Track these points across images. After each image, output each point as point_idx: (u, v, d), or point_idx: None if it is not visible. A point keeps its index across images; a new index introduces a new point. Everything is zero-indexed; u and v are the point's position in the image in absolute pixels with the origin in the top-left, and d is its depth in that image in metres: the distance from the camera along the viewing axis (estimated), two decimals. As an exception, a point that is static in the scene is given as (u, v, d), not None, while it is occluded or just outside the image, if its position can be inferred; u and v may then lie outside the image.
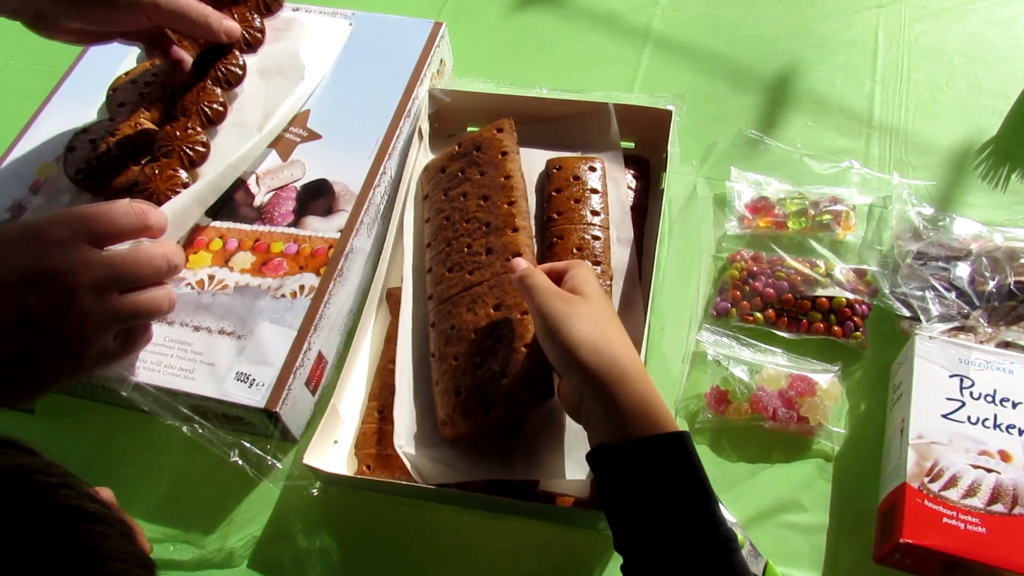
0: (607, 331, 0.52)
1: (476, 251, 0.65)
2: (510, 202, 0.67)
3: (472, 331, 0.61)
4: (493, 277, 0.63)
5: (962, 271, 0.67)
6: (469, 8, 0.96)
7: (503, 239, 0.65)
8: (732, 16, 0.93)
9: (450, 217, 0.68)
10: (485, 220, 0.66)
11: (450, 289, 0.65)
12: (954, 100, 0.84)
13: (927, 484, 0.56)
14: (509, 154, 0.70)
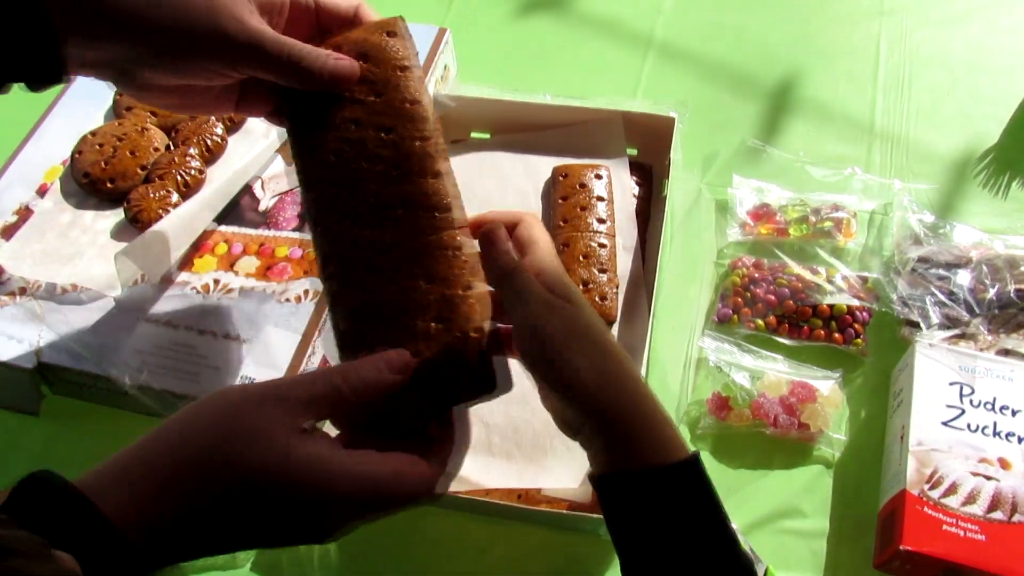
0: (606, 351, 0.46)
1: (388, 203, 0.48)
2: (422, 136, 0.49)
3: (400, 310, 0.47)
4: (417, 239, 0.48)
5: (963, 278, 0.68)
6: (473, 14, 0.96)
7: (423, 187, 0.48)
8: (734, 23, 0.93)
9: (341, 152, 0.50)
10: (393, 161, 0.49)
11: (361, 251, 0.49)
12: (955, 108, 0.84)
13: (927, 491, 0.56)
14: (410, 69, 0.51)
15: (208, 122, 0.75)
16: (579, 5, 0.96)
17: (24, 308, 0.67)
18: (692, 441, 0.65)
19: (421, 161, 0.49)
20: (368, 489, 0.41)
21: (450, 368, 0.47)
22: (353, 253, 0.48)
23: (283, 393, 0.41)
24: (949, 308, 0.67)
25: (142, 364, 0.64)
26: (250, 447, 0.39)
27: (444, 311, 0.47)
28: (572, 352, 0.45)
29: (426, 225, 0.48)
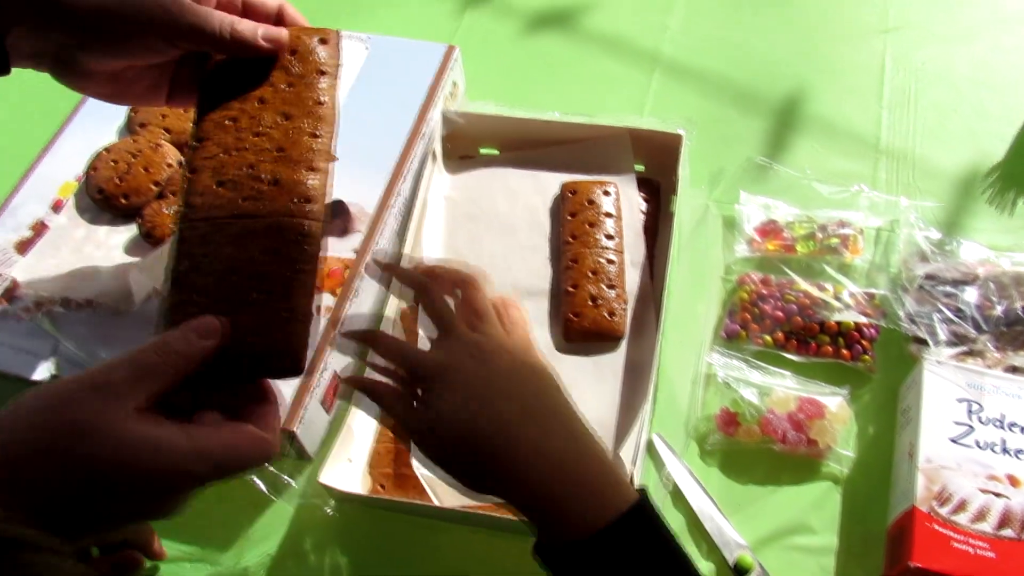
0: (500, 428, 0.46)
1: (260, 175, 0.52)
2: (314, 133, 0.54)
3: (231, 271, 0.50)
4: (273, 216, 0.51)
5: (970, 295, 0.68)
6: (481, 32, 0.97)
7: (296, 175, 0.52)
8: (740, 41, 0.94)
9: (237, 120, 0.54)
10: (279, 144, 0.53)
11: (215, 208, 0.51)
12: (961, 125, 0.85)
13: (936, 508, 0.56)
14: (328, 75, 0.56)
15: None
16: (586, 23, 0.97)
17: (39, 323, 0.67)
18: (701, 457, 0.66)
19: (305, 152, 0.53)
20: (206, 464, 0.43)
21: (264, 340, 0.48)
22: (212, 212, 0.51)
23: (102, 381, 0.41)
24: (956, 325, 0.67)
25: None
26: (81, 441, 0.40)
27: (270, 284, 0.49)
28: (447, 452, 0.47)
29: (284, 206, 0.51)
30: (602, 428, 0.64)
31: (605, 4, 0.99)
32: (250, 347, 0.48)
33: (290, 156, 0.53)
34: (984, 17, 0.93)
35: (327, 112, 0.55)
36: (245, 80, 0.55)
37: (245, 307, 0.49)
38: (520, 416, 0.46)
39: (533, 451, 0.45)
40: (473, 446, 0.46)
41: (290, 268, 0.50)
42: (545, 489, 0.45)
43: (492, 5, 1.00)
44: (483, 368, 0.48)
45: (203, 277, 0.50)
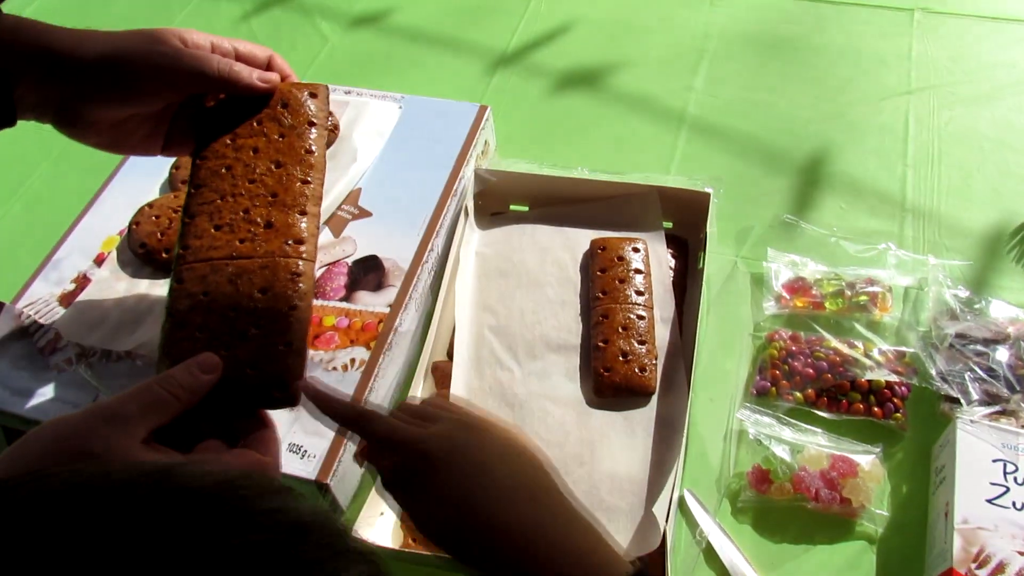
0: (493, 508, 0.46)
1: (254, 219, 0.56)
2: (305, 180, 0.58)
3: (229, 308, 0.53)
4: (267, 256, 0.55)
5: (1001, 355, 0.68)
6: (510, 91, 1.00)
7: (288, 219, 0.56)
8: (765, 100, 0.96)
9: (232, 168, 0.57)
10: (273, 190, 0.57)
11: (212, 250, 0.55)
12: (985, 184, 0.86)
13: (974, 571, 0.56)
14: (317, 126, 0.60)
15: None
16: (613, 83, 1.00)
17: (81, 373, 0.69)
18: (733, 514, 0.66)
19: (297, 197, 0.57)
20: None
21: (261, 372, 0.51)
22: (209, 254, 0.55)
23: (111, 413, 0.43)
24: (989, 384, 0.67)
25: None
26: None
27: (266, 320, 0.52)
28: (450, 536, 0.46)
29: (278, 247, 0.55)
30: (633, 483, 0.64)
31: (631, 65, 1.01)
32: (248, 379, 0.51)
33: (283, 201, 0.57)
34: (1006, 79, 0.95)
35: (317, 160, 0.59)
36: (239, 129, 0.59)
37: (243, 342, 0.52)
38: (512, 495, 0.47)
39: (528, 530, 0.45)
40: (467, 527, 0.46)
41: (285, 304, 0.53)
42: (539, 569, 0.45)
43: (521, 65, 1.03)
44: (473, 449, 0.48)
45: (202, 315, 0.53)
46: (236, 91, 0.59)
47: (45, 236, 0.80)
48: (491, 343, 0.73)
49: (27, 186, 0.96)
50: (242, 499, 0.27)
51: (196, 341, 0.52)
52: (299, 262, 0.55)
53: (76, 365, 0.70)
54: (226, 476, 0.28)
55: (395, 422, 0.49)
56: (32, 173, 0.97)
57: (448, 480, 0.46)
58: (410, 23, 1.11)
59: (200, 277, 0.54)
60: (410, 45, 1.08)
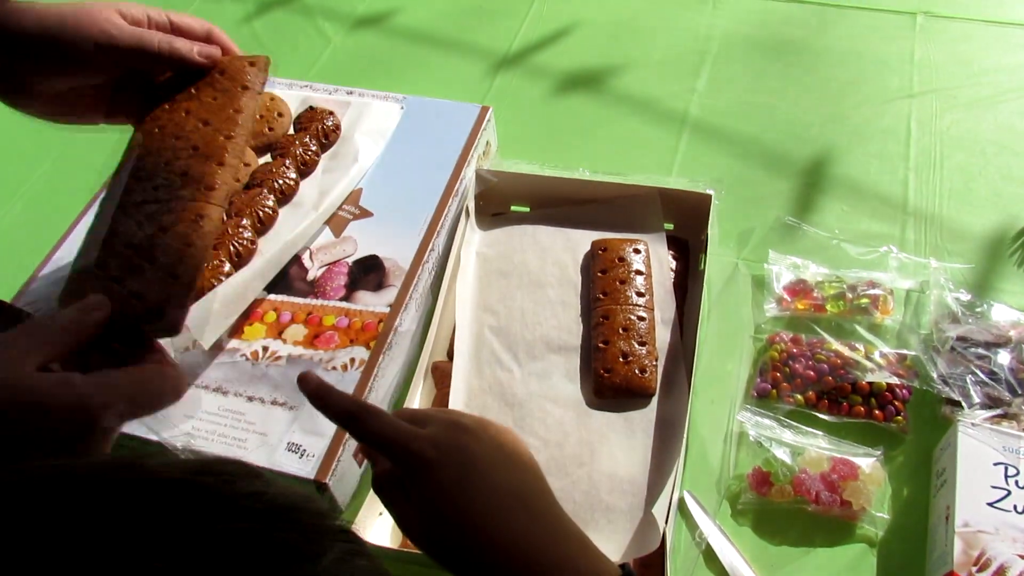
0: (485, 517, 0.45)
1: (173, 170, 0.60)
2: (228, 135, 0.62)
3: (127, 246, 0.57)
4: (177, 200, 0.58)
5: (1003, 358, 0.68)
6: (512, 93, 1.00)
7: (205, 168, 0.60)
8: (767, 103, 0.96)
9: (163, 128, 0.62)
10: (195, 144, 0.61)
11: (128, 195, 0.59)
12: (987, 188, 0.86)
13: (975, 574, 0.56)
14: (250, 90, 0.65)
15: (260, 195, 0.77)
16: (615, 85, 1.00)
17: (80, 372, 0.69)
18: (733, 516, 0.65)
19: (217, 150, 0.61)
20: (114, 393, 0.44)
21: (143, 302, 0.54)
22: (124, 200, 0.59)
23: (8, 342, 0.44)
24: (990, 388, 0.67)
25: (192, 429, 0.65)
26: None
27: (160, 255, 0.56)
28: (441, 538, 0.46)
29: (189, 193, 0.59)
30: (633, 484, 0.64)
31: (633, 67, 1.01)
32: (133, 308, 0.54)
33: (203, 153, 0.61)
34: (1008, 83, 0.94)
35: (244, 119, 0.64)
36: (178, 95, 0.64)
37: (135, 275, 0.55)
38: (508, 504, 0.46)
39: (517, 538, 0.45)
40: (454, 531, 0.46)
41: (181, 241, 0.57)
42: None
43: (523, 66, 1.03)
44: (466, 451, 0.47)
45: (104, 254, 0.57)
46: (177, 66, 0.63)
47: (46, 235, 0.80)
48: (491, 343, 0.73)
49: (28, 186, 0.96)
50: (218, 485, 0.27)
51: (89, 277, 0.56)
52: (205, 205, 0.59)
53: (76, 363, 0.69)
54: (200, 463, 0.28)
55: (390, 419, 0.48)
56: (33, 173, 0.97)
57: (439, 481, 0.46)
58: (413, 24, 1.11)
59: (110, 219, 0.59)
60: (412, 46, 1.08)
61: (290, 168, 0.80)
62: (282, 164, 0.80)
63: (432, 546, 0.46)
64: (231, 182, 0.61)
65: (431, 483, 0.46)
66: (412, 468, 0.46)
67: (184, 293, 0.55)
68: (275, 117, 0.85)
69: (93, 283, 0.55)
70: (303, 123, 0.85)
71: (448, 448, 0.46)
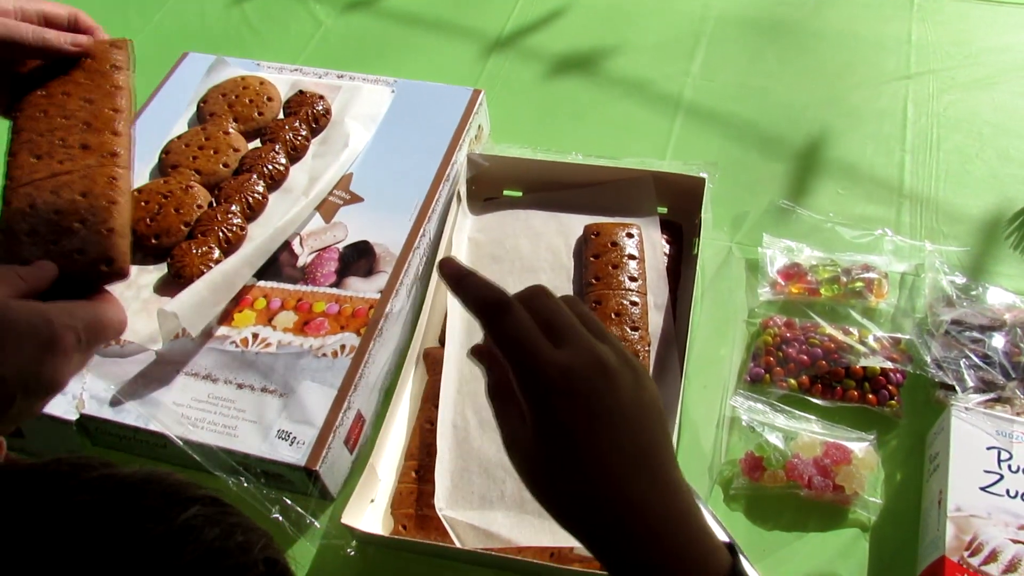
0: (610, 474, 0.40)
1: (70, 144, 0.64)
2: (115, 108, 0.66)
3: (53, 211, 0.61)
4: (85, 169, 0.63)
5: (997, 342, 0.67)
6: (505, 76, 0.99)
7: (102, 138, 0.64)
8: (762, 85, 0.95)
9: (47, 111, 0.65)
10: (85, 120, 0.65)
11: (34, 174, 0.63)
12: (984, 170, 0.85)
13: (967, 558, 0.55)
14: (121, 69, 0.69)
15: (250, 181, 0.77)
16: (609, 68, 0.99)
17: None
18: (725, 501, 0.65)
19: (108, 122, 0.65)
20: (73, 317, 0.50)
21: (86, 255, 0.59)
22: (32, 177, 0.62)
23: None
24: (984, 371, 0.66)
25: (182, 417, 0.65)
26: None
27: (87, 214, 0.60)
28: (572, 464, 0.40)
29: (95, 160, 0.63)
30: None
31: (627, 49, 1.00)
32: (77, 263, 0.58)
33: (95, 127, 0.64)
34: (1005, 63, 0.93)
35: (120, 94, 0.67)
36: (51, 81, 0.66)
37: (69, 235, 0.59)
38: (632, 463, 0.41)
39: (638, 506, 0.40)
40: (565, 471, 0.41)
41: (105, 200, 0.61)
42: (639, 545, 0.40)
43: (516, 50, 1.02)
44: (599, 395, 0.41)
45: (30, 223, 0.60)
46: (50, 57, 0.64)
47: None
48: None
49: None
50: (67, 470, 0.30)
51: (23, 244, 0.59)
52: (115, 168, 0.63)
53: (64, 351, 0.69)
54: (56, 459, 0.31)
55: (531, 325, 0.42)
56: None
57: (560, 420, 0.40)
58: (404, 7, 1.10)
59: (25, 195, 0.62)
60: (404, 29, 1.07)
61: (280, 153, 0.80)
62: (272, 149, 0.80)
63: (534, 478, 0.42)
64: (129, 148, 0.65)
65: (551, 418, 0.41)
66: (536, 391, 0.41)
67: (125, 243, 0.60)
68: (264, 102, 0.85)
69: (29, 248, 0.59)
70: (293, 108, 0.84)
71: (580, 387, 0.41)
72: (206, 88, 0.87)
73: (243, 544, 0.31)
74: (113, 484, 0.30)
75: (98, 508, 0.29)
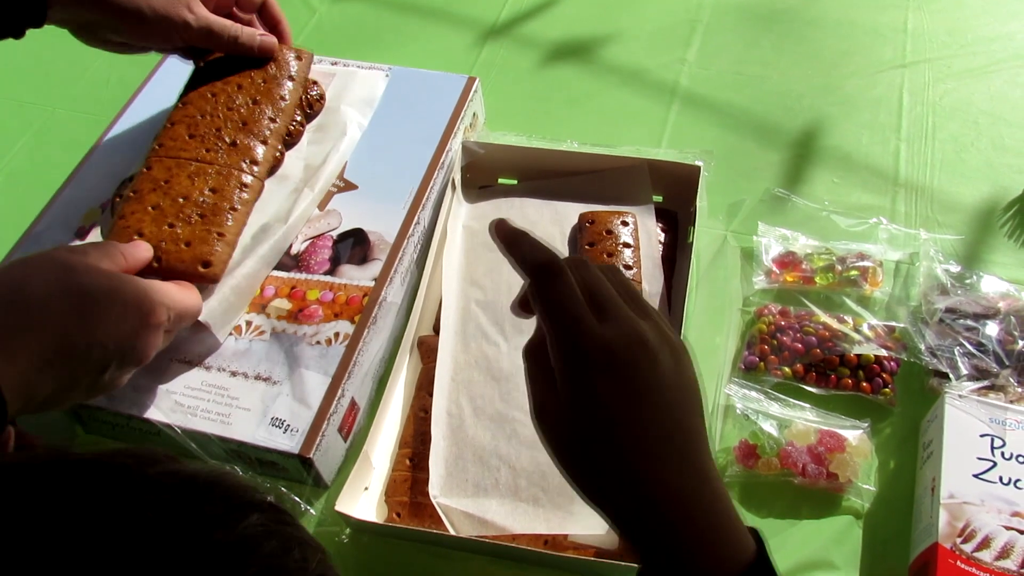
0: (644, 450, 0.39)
1: (223, 137, 0.70)
2: (273, 119, 0.72)
3: (181, 196, 0.66)
4: (224, 166, 0.68)
5: (991, 330, 0.68)
6: (501, 63, 0.98)
7: (251, 143, 0.70)
8: (758, 74, 0.95)
9: (216, 95, 0.72)
10: (244, 119, 0.71)
11: (182, 151, 0.69)
12: (979, 159, 0.85)
13: (959, 545, 0.56)
14: (295, 82, 0.75)
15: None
16: (605, 55, 0.98)
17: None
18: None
19: (262, 129, 0.72)
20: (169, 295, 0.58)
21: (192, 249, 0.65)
22: (179, 154, 0.69)
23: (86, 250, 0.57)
24: (978, 359, 0.66)
25: (175, 404, 0.65)
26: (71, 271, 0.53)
27: (208, 212, 0.66)
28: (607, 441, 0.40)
29: (236, 162, 0.69)
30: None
31: (623, 37, 1.00)
32: (182, 253, 0.64)
33: (250, 129, 0.71)
34: (1001, 52, 0.93)
35: (287, 107, 0.74)
36: (230, 71, 0.74)
37: (186, 224, 0.65)
38: (668, 444, 0.40)
39: (672, 488, 0.40)
40: (610, 461, 0.40)
41: (228, 204, 0.67)
42: (669, 527, 0.39)
43: (511, 37, 1.02)
44: (647, 376, 0.40)
45: (159, 197, 0.66)
46: (237, 53, 0.74)
47: (26, 209, 0.79)
48: (478, 317, 0.73)
49: (7, 159, 0.95)
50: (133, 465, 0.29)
51: (146, 214, 0.65)
52: (249, 177, 0.69)
53: (57, 339, 0.69)
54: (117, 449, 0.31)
55: (576, 296, 0.41)
56: (12, 146, 0.96)
57: (598, 396, 0.40)
58: (399, -6, 1.09)
59: (166, 168, 0.68)
60: (399, 16, 1.06)
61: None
62: (265, 136, 0.79)
63: (563, 450, 0.42)
64: (271, 160, 0.71)
65: (589, 393, 0.40)
66: (575, 364, 0.40)
67: (228, 252, 0.66)
68: (258, 88, 0.84)
69: (148, 223, 0.65)
70: (286, 94, 0.84)
71: (620, 364, 0.40)
72: (199, 75, 0.86)
73: (300, 562, 0.30)
74: (178, 482, 0.29)
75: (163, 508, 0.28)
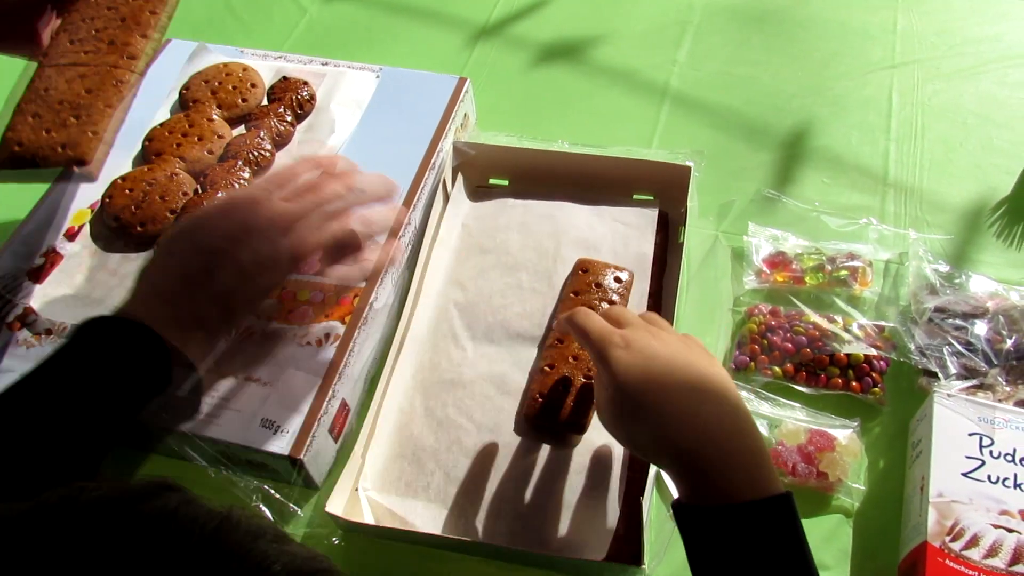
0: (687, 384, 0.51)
1: (102, 38, 0.71)
2: (153, 11, 0.72)
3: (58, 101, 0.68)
4: (102, 66, 0.69)
5: (980, 329, 0.68)
6: (492, 64, 0.99)
7: (130, 38, 0.71)
8: (748, 74, 0.95)
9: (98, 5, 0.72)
10: (123, 15, 0.71)
11: (62, 57, 0.70)
12: (968, 159, 0.85)
13: (948, 543, 0.56)
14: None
15: (235, 167, 0.76)
16: (596, 56, 0.98)
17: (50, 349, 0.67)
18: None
19: (142, 23, 0.72)
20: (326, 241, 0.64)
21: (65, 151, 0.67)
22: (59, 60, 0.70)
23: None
24: (967, 358, 0.67)
25: (165, 405, 0.64)
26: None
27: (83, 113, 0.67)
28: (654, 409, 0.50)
29: (114, 60, 0.70)
30: (610, 453, 0.64)
31: (614, 37, 1.00)
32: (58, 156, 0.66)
33: (129, 25, 0.71)
34: (990, 53, 0.94)
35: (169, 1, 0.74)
36: None
37: (62, 128, 0.67)
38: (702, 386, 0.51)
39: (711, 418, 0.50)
40: (633, 411, 0.51)
41: (103, 103, 0.68)
42: (710, 453, 0.48)
43: (502, 38, 1.02)
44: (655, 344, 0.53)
45: (38, 106, 0.68)
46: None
47: (14, 210, 0.78)
48: (453, 318, 0.72)
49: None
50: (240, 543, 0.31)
51: (26, 124, 0.67)
52: (127, 73, 0.70)
53: (47, 340, 0.68)
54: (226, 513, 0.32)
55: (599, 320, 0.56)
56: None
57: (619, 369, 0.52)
58: (390, -6, 1.09)
59: (47, 76, 0.69)
60: (389, 16, 1.06)
61: (265, 140, 0.79)
62: (256, 135, 0.79)
63: (610, 419, 0.53)
64: (150, 54, 0.71)
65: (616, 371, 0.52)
66: (604, 357, 0.53)
67: (104, 148, 0.68)
68: (248, 88, 0.84)
69: (29, 131, 0.67)
70: (277, 94, 0.84)
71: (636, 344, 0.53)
72: (188, 75, 0.86)
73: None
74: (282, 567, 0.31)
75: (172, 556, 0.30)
